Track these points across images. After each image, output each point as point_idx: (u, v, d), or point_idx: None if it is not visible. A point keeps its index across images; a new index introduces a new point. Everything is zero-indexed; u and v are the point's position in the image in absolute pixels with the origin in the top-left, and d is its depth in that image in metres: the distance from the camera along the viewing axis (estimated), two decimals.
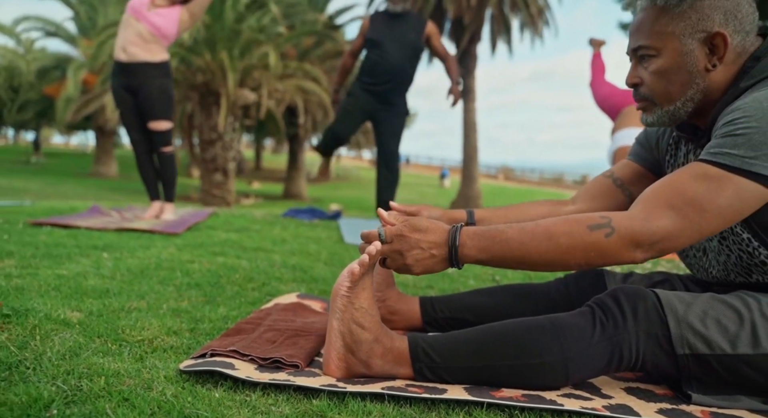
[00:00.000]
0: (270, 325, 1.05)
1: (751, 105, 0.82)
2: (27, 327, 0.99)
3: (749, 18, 0.89)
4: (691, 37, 0.89)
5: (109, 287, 1.31)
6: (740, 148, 0.80)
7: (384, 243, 0.89)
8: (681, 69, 0.90)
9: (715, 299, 0.88)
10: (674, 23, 0.89)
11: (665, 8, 0.90)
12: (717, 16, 0.88)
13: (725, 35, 0.87)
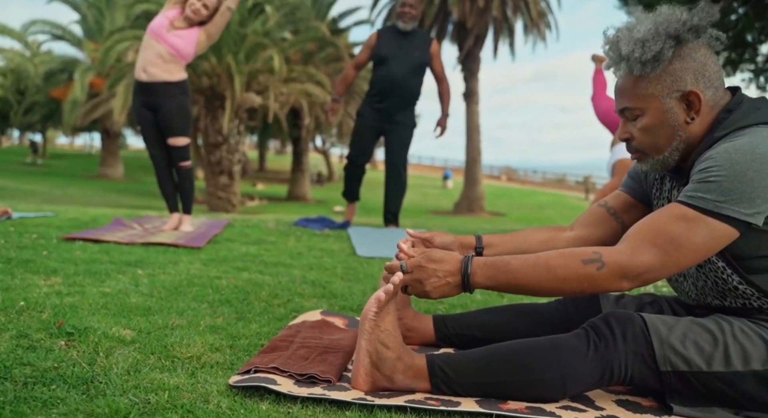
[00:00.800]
0: (301, 342, 1.18)
1: (722, 156, 0.95)
2: (90, 345, 1.13)
3: (716, 75, 1.02)
4: (669, 97, 1.01)
5: (150, 305, 1.45)
6: (712, 194, 0.93)
7: (405, 273, 1.02)
8: (664, 125, 1.03)
9: (694, 322, 1.01)
10: (652, 86, 1.02)
11: (642, 74, 1.02)
12: (688, 77, 1.00)
13: (698, 93, 1.00)
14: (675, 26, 1.00)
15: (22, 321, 1.24)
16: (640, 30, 1.00)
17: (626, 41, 1.01)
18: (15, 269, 1.72)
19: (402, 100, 3.78)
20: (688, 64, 1.01)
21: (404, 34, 3.72)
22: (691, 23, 1.00)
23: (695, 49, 1.01)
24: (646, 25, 1.01)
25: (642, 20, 1.03)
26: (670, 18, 1.00)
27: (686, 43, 1.01)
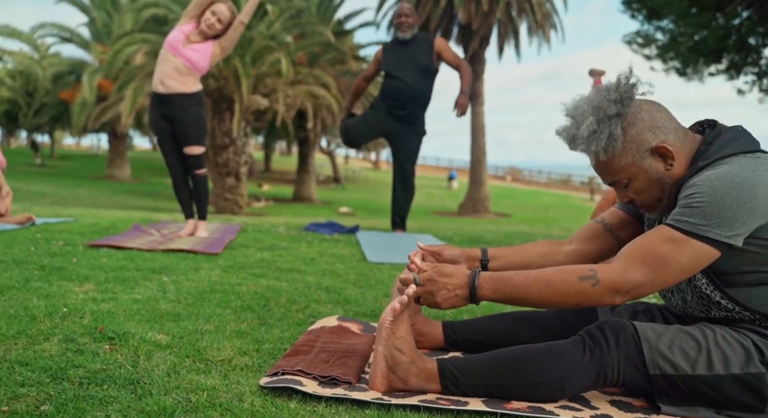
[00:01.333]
0: (322, 347, 1.29)
1: (705, 183, 1.05)
2: (130, 348, 1.24)
3: (667, 120, 1.13)
4: (642, 158, 1.11)
5: (179, 311, 1.56)
6: (696, 218, 1.03)
7: (418, 286, 1.13)
8: (651, 180, 1.13)
9: (681, 330, 1.11)
10: (624, 158, 1.12)
11: (609, 156, 1.12)
12: (647, 136, 1.11)
13: (663, 144, 1.10)
14: (609, 107, 1.09)
15: (66, 326, 1.35)
16: (584, 124, 1.10)
17: (581, 139, 1.11)
18: (50, 275, 1.84)
19: (414, 108, 3.87)
20: (640, 126, 1.11)
21: (405, 42, 3.83)
22: (620, 96, 1.10)
23: (637, 110, 1.11)
24: (587, 116, 1.10)
25: (581, 110, 1.12)
26: (602, 102, 1.10)
27: (626, 112, 1.11)
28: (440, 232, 4.71)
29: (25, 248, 2.31)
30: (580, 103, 1.13)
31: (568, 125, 1.15)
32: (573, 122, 1.13)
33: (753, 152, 1.09)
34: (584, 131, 1.10)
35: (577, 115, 1.13)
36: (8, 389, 0.99)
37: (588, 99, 1.12)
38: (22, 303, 1.51)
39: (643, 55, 8.54)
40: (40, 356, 1.16)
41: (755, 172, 1.04)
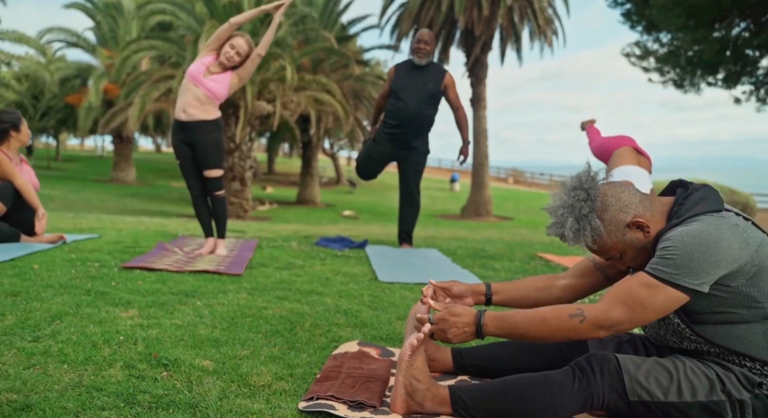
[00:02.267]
0: (347, 373, 1.48)
1: (677, 238, 1.24)
2: (183, 374, 1.44)
3: (632, 194, 1.33)
4: (624, 234, 1.31)
5: (217, 336, 1.76)
6: (669, 267, 1.23)
7: (432, 324, 1.33)
8: (637, 248, 1.33)
9: (656, 362, 1.30)
10: (609, 240, 1.32)
11: (596, 244, 1.33)
12: (620, 215, 1.31)
13: (635, 219, 1.30)
14: (582, 206, 1.30)
15: (124, 353, 1.55)
16: (567, 226, 1.31)
17: (570, 238, 1.32)
18: (96, 301, 2.04)
19: (416, 129, 4.09)
20: (611, 210, 1.31)
21: (419, 67, 4.03)
22: (586, 194, 1.31)
23: (603, 198, 1.32)
24: (567, 217, 1.31)
25: (559, 213, 1.33)
26: (574, 203, 1.31)
27: (596, 205, 1.31)
28: (444, 244, 4.91)
29: (66, 270, 2.51)
30: (557, 205, 1.34)
31: (554, 226, 1.35)
32: (557, 224, 1.34)
33: (718, 211, 1.28)
34: (569, 232, 1.30)
35: (557, 217, 1.33)
36: (93, 412, 1.19)
37: (562, 201, 1.33)
38: (80, 330, 1.71)
39: (641, 68, 8.71)
40: (109, 382, 1.36)
41: (719, 230, 1.23)
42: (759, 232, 1.29)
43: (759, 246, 1.25)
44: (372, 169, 4.27)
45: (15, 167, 3.24)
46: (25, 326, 1.72)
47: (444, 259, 3.74)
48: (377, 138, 4.21)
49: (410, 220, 4.27)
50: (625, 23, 8.74)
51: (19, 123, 3.31)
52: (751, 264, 1.23)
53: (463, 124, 4.16)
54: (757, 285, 1.24)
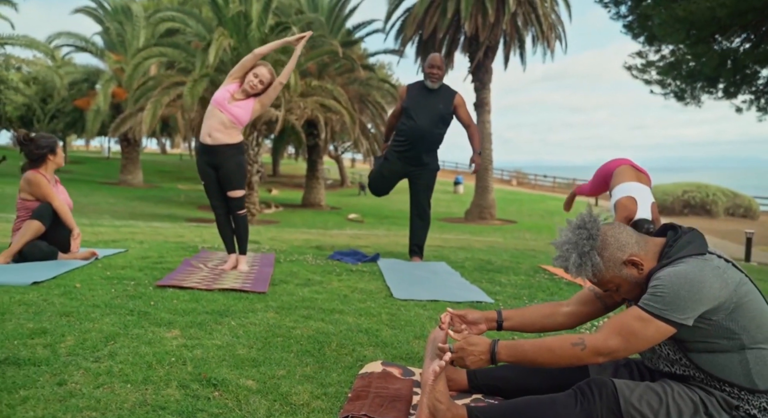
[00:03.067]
0: (375, 392, 1.68)
1: (666, 278, 1.43)
2: (231, 393, 1.64)
3: (628, 235, 1.53)
4: (620, 270, 1.51)
5: (254, 356, 1.95)
6: (659, 303, 1.42)
7: (452, 353, 1.52)
8: (631, 282, 1.52)
9: (648, 386, 1.50)
10: (607, 274, 1.52)
11: (596, 277, 1.53)
12: (618, 254, 1.50)
13: (631, 257, 1.49)
14: (584, 244, 1.50)
15: (177, 373, 1.75)
16: (571, 260, 1.51)
17: (573, 271, 1.53)
18: (141, 321, 2.24)
19: (426, 147, 4.29)
20: (610, 249, 1.51)
21: (431, 90, 4.23)
22: (589, 234, 1.51)
23: (604, 237, 1.52)
24: (571, 253, 1.51)
25: (565, 248, 1.53)
26: (578, 241, 1.51)
27: (597, 244, 1.50)
28: (452, 255, 5.10)
29: (106, 289, 2.71)
30: (563, 241, 1.54)
31: (559, 259, 1.54)
32: (562, 257, 1.53)
33: (702, 255, 1.47)
34: (572, 266, 1.50)
35: (563, 252, 1.53)
36: None
37: (567, 238, 1.53)
38: (133, 350, 1.91)
39: (642, 80, 8.88)
40: (170, 401, 1.56)
41: (702, 272, 1.42)
42: (738, 272, 1.48)
43: (737, 285, 1.44)
44: (384, 187, 4.47)
45: (52, 188, 3.44)
46: (85, 347, 1.92)
47: (453, 273, 3.93)
48: (388, 156, 4.40)
49: (421, 234, 4.47)
50: (627, 34, 8.93)
51: (55, 147, 3.52)
52: (729, 301, 1.42)
53: (475, 137, 4.34)
54: (735, 319, 1.43)
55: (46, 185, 3.39)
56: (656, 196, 10.31)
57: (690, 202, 24.00)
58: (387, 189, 4.51)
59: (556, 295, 3.43)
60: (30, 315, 2.22)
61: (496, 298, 3.19)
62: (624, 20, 8.56)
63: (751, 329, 1.44)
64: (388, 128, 4.51)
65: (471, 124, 4.34)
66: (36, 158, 3.47)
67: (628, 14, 8.42)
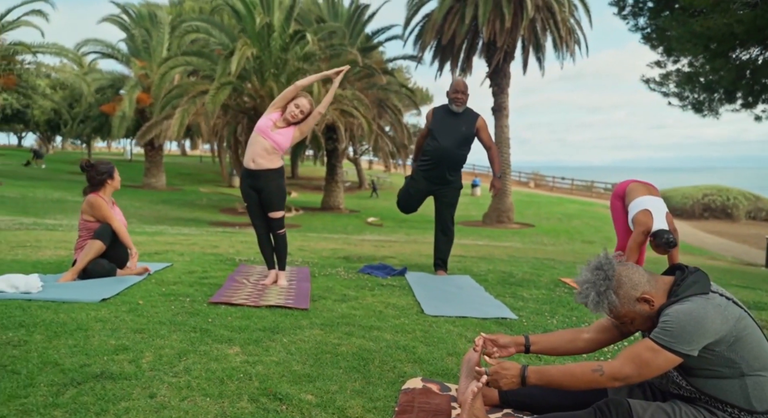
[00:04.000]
0: (420, 406, 1.93)
1: (673, 314, 1.66)
2: (295, 406, 1.90)
3: (641, 275, 1.75)
4: (633, 306, 1.73)
5: (308, 372, 2.22)
6: (667, 337, 1.65)
7: (488, 376, 1.77)
8: (643, 316, 1.75)
9: (659, 406, 1.73)
10: (623, 309, 1.74)
11: (612, 312, 1.75)
12: (632, 292, 1.73)
13: (643, 295, 1.72)
14: (601, 284, 1.73)
15: (245, 387, 2.02)
16: (590, 298, 1.74)
17: (592, 308, 1.76)
18: (204, 338, 2.53)
19: (450, 167, 4.54)
20: (625, 287, 1.74)
21: (456, 113, 4.48)
22: (605, 275, 1.74)
23: (619, 277, 1.74)
24: (590, 292, 1.74)
25: (585, 287, 1.76)
26: (596, 281, 1.74)
27: (613, 283, 1.73)
28: (475, 267, 5.33)
29: (166, 306, 3.01)
30: (583, 280, 1.77)
31: (579, 296, 1.78)
32: (582, 295, 1.77)
33: (706, 294, 1.70)
34: (591, 303, 1.73)
35: (583, 289, 1.76)
36: None
37: (586, 278, 1.76)
38: (204, 366, 2.19)
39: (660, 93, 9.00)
40: (245, 413, 1.83)
41: (705, 309, 1.65)
42: (738, 308, 1.70)
43: (736, 321, 1.66)
44: (411, 204, 4.73)
45: (111, 211, 3.76)
46: (162, 362, 2.20)
47: (477, 287, 4.17)
48: (415, 176, 4.66)
49: (445, 249, 4.71)
50: (645, 44, 9.05)
51: (113, 172, 3.84)
52: (730, 335, 1.65)
53: (495, 160, 4.60)
54: (735, 351, 1.66)
55: (105, 208, 3.71)
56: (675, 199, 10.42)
57: (710, 206, 23.84)
58: (415, 207, 4.76)
59: (576, 310, 3.65)
60: (108, 332, 2.52)
61: (520, 314, 3.42)
62: (642, 32, 8.69)
63: (750, 359, 1.66)
64: (417, 149, 4.76)
65: (492, 147, 4.57)
66: (96, 183, 3.79)
67: (647, 26, 8.56)
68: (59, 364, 2.10)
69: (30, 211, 14.90)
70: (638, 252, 4.03)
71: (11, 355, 2.15)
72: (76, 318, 2.67)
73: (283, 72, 15.07)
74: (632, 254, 4.00)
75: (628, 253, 3.99)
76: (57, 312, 2.76)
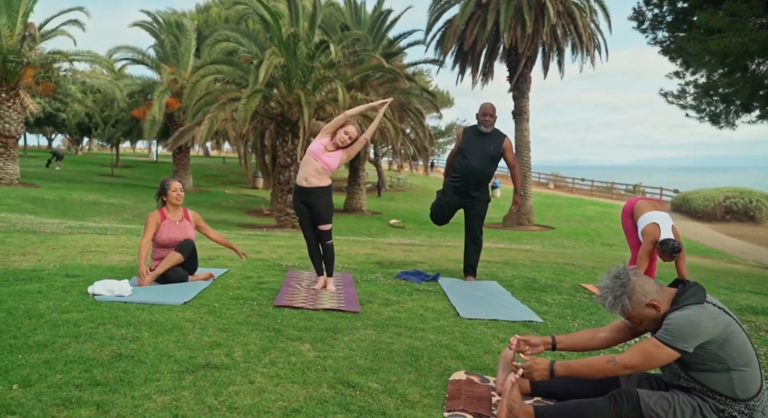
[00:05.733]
0: (466, 394, 2.38)
1: (675, 319, 2.08)
2: (365, 392, 2.36)
3: (651, 286, 2.17)
4: (643, 310, 2.16)
5: (370, 365, 2.68)
6: (668, 336, 2.07)
7: (524, 369, 2.21)
8: (650, 319, 2.17)
9: (662, 394, 2.15)
10: (633, 311, 2.16)
11: (625, 313, 2.17)
12: (643, 298, 2.15)
13: (652, 301, 2.14)
14: (618, 290, 2.15)
15: (323, 377, 2.49)
16: (607, 301, 2.17)
17: (608, 309, 2.19)
18: (278, 336, 3.00)
19: (477, 182, 4.98)
20: (637, 294, 2.16)
21: (484, 134, 4.91)
22: (622, 282, 2.15)
23: (633, 285, 2.16)
24: (608, 295, 2.17)
25: (603, 292, 2.18)
26: (614, 287, 2.16)
27: (627, 290, 2.15)
28: (500, 272, 5.76)
29: (238, 309, 3.50)
30: (603, 285, 2.20)
31: (599, 298, 2.21)
32: (601, 297, 2.20)
33: (701, 303, 2.12)
34: (608, 306, 2.17)
35: (602, 293, 2.19)
36: (332, 415, 2.12)
37: (606, 285, 2.19)
38: (286, 359, 2.66)
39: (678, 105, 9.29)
40: (327, 396, 2.29)
41: (700, 315, 2.07)
42: (727, 316, 2.11)
43: (726, 326, 2.08)
44: (443, 217, 5.18)
45: (151, 230, 4.21)
46: (251, 356, 2.68)
47: (505, 292, 4.60)
48: (446, 190, 5.11)
49: (474, 256, 5.15)
50: (665, 56, 9.34)
51: (167, 189, 4.33)
52: (720, 337, 2.06)
53: (518, 178, 5.04)
54: (724, 350, 2.07)
55: (147, 226, 4.20)
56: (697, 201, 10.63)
57: (732, 208, 23.77)
58: (446, 219, 5.21)
59: (596, 314, 4.06)
60: (199, 330, 3.01)
61: (544, 317, 3.84)
62: (661, 45, 8.99)
63: (735, 357, 2.08)
64: (448, 166, 5.21)
65: (515, 166, 5.01)
66: (159, 200, 4.33)
67: (665, 40, 8.85)
68: (171, 356, 2.59)
69: (70, 213, 15.68)
70: (648, 260, 4.44)
71: (132, 348, 2.65)
72: (169, 318, 3.17)
73: (309, 79, 15.58)
74: (642, 262, 4.41)
75: (639, 261, 4.41)
76: (151, 313, 3.26)
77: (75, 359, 2.46)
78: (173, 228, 4.33)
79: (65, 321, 2.97)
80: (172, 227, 4.34)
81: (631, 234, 4.70)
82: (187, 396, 2.19)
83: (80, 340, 2.71)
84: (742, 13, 6.60)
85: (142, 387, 2.24)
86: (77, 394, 2.12)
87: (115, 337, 2.79)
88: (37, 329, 2.81)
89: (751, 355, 2.11)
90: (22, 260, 4.89)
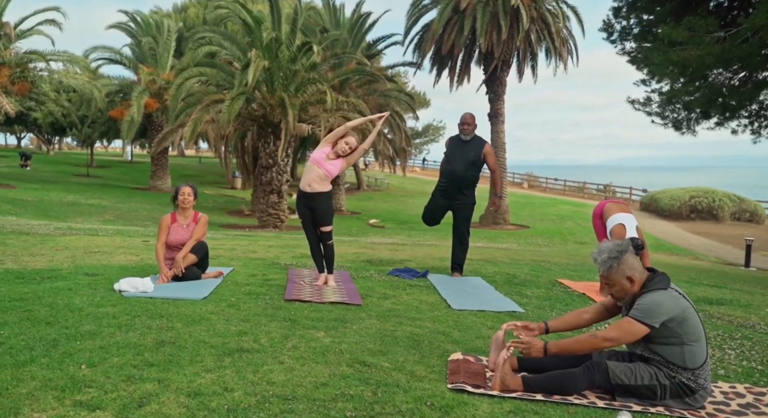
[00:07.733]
0: (464, 370, 2.81)
1: (645, 300, 2.56)
2: (379, 370, 2.77)
3: (638, 264, 2.65)
4: (622, 278, 2.63)
5: (380, 349, 3.08)
6: (639, 313, 2.54)
7: (523, 346, 2.66)
8: (623, 289, 2.65)
9: (626, 365, 2.62)
10: (616, 276, 2.64)
11: (608, 273, 2.64)
12: (626, 271, 2.63)
13: (632, 275, 2.61)
14: (614, 253, 2.62)
15: (341, 358, 2.88)
16: (601, 257, 2.64)
17: (599, 263, 2.65)
18: (296, 326, 3.38)
19: (462, 186, 5.44)
20: (625, 265, 2.63)
21: (465, 141, 5.38)
22: (620, 248, 2.62)
23: (626, 258, 2.64)
24: (604, 253, 2.64)
25: (602, 250, 2.66)
26: (612, 250, 2.63)
27: (622, 257, 2.62)
28: (482, 269, 6.23)
29: (254, 303, 3.87)
30: (605, 248, 2.66)
31: (596, 254, 2.67)
32: (597, 253, 2.67)
33: (666, 289, 2.60)
34: (599, 261, 2.65)
35: (600, 250, 2.67)
36: (351, 389, 2.52)
37: (608, 246, 2.66)
38: (307, 344, 3.05)
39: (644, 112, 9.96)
40: (347, 373, 2.69)
41: (663, 298, 2.55)
42: (685, 301, 2.60)
43: (684, 308, 2.56)
44: (433, 218, 5.62)
45: (163, 232, 4.55)
46: (275, 342, 3.07)
47: (489, 287, 5.06)
48: (435, 194, 5.56)
49: (460, 255, 5.60)
50: (632, 65, 10.01)
51: (177, 194, 4.68)
52: (679, 316, 2.54)
53: (498, 182, 5.53)
54: (681, 327, 2.55)
55: (160, 229, 4.56)
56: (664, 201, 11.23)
57: (697, 207, 24.89)
58: (437, 220, 5.65)
59: (570, 305, 4.54)
60: (224, 321, 3.38)
61: (526, 308, 4.31)
62: (629, 55, 9.63)
63: (689, 334, 2.56)
64: (440, 172, 5.67)
65: (496, 171, 5.50)
66: (175, 205, 4.66)
67: (632, 51, 9.48)
68: (207, 342, 2.96)
69: (51, 214, 15.64)
70: None
71: (170, 336, 3.01)
72: (194, 311, 3.53)
73: (292, 82, 15.87)
74: None
75: None
76: (177, 306, 3.61)
77: (125, 345, 2.81)
78: (181, 231, 4.66)
79: (104, 314, 3.30)
80: (180, 230, 4.67)
81: (601, 234, 5.22)
82: (230, 374, 2.56)
83: (123, 330, 3.05)
84: (699, 28, 7.24)
85: (189, 367, 2.60)
86: (137, 372, 2.48)
87: (152, 327, 3.14)
88: (82, 321, 3.14)
89: (701, 333, 2.59)
90: (35, 261, 5.14)
